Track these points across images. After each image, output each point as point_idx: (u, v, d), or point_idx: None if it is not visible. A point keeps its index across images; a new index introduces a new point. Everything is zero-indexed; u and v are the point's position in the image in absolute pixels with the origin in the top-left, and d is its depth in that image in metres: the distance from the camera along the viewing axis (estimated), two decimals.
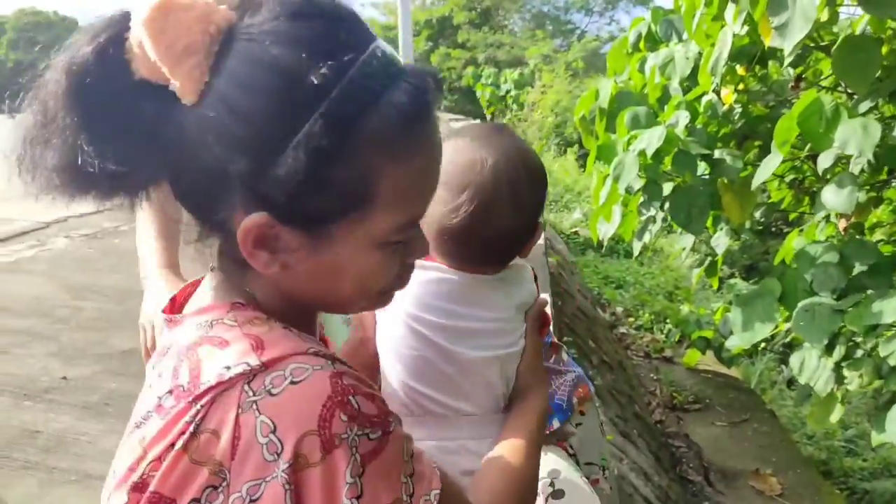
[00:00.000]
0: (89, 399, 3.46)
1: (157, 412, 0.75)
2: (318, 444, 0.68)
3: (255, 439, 0.68)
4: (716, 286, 4.48)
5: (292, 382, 0.70)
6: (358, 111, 0.70)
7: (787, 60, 2.40)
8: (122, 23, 0.74)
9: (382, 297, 0.87)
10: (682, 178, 3.09)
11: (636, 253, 3.80)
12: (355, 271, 0.79)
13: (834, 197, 2.52)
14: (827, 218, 3.22)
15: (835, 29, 2.97)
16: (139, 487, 0.72)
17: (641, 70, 3.67)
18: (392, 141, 0.72)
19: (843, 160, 2.68)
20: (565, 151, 15.09)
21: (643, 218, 3.49)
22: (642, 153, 2.96)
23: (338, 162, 0.71)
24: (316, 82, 0.68)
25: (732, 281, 6.59)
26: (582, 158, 13.68)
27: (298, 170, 0.69)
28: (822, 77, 3.30)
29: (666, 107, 3.35)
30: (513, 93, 19.88)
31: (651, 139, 2.94)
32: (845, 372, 2.68)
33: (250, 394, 0.69)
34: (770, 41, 2.36)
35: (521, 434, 1.04)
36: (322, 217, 0.74)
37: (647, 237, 3.56)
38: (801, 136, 2.62)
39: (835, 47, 2.47)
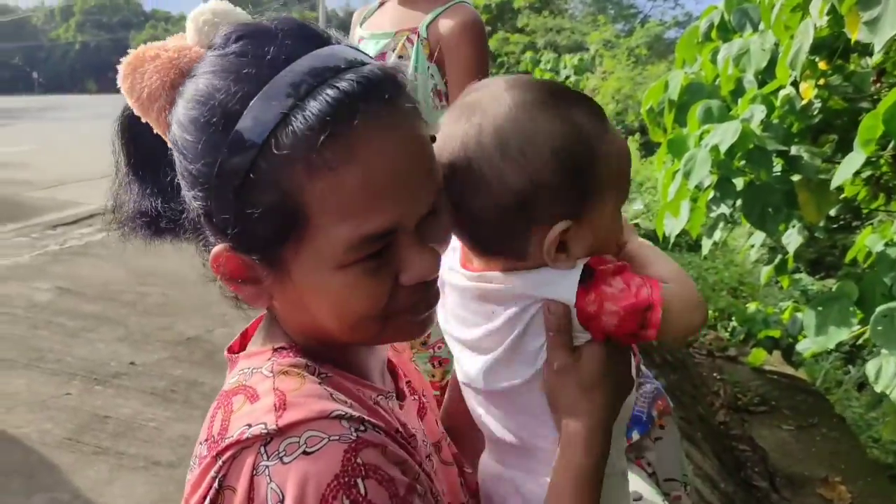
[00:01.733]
0: (156, 385, 3.55)
1: (196, 459, 0.77)
2: None
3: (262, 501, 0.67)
4: (786, 286, 4.33)
5: (305, 452, 0.68)
6: (264, 130, 0.68)
7: (877, 56, 2.28)
8: None
9: (392, 323, 0.78)
10: (757, 175, 2.98)
11: (705, 251, 3.70)
12: (325, 297, 0.75)
13: None
14: None
15: None
16: None
17: (713, 61, 3.55)
18: (309, 154, 0.67)
19: None
20: (626, 140, 14.83)
21: (713, 215, 3.38)
22: (715, 149, 2.86)
23: (257, 185, 0.69)
24: (229, 108, 0.69)
25: (798, 276, 6.37)
26: (644, 147, 13.41)
27: (226, 197, 0.71)
28: None
29: (740, 100, 3.24)
30: (572, 79, 19.58)
31: (725, 134, 2.84)
32: None
33: (265, 457, 0.68)
34: (857, 35, 2.24)
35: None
36: (266, 243, 0.72)
37: (717, 235, 3.45)
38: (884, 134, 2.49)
39: None
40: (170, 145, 0.78)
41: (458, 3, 2.14)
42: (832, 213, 3.85)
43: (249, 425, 0.70)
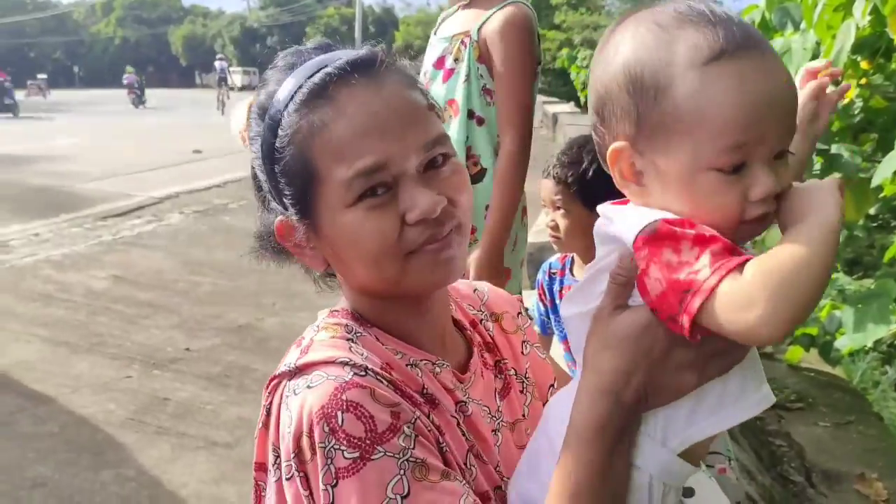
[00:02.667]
0: (211, 370, 3.71)
1: None
2: (308, 445, 0.79)
3: (284, 429, 0.83)
4: None
5: (308, 387, 0.82)
6: (280, 109, 0.88)
7: None
8: None
9: (410, 264, 0.87)
10: None
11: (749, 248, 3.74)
12: (345, 239, 0.87)
13: None
14: None
15: None
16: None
17: None
18: (309, 118, 0.86)
19: None
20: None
21: None
22: None
23: (282, 153, 0.88)
24: (266, 104, 0.91)
25: (835, 276, 6.34)
26: None
27: (271, 171, 0.90)
28: None
29: None
30: None
31: None
32: None
33: (287, 390, 0.85)
34: None
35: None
36: (299, 201, 0.89)
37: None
38: None
39: None
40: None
41: (510, 3, 2.23)
42: (871, 211, 3.87)
43: (285, 364, 0.87)
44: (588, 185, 1.72)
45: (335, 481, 0.77)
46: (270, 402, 0.87)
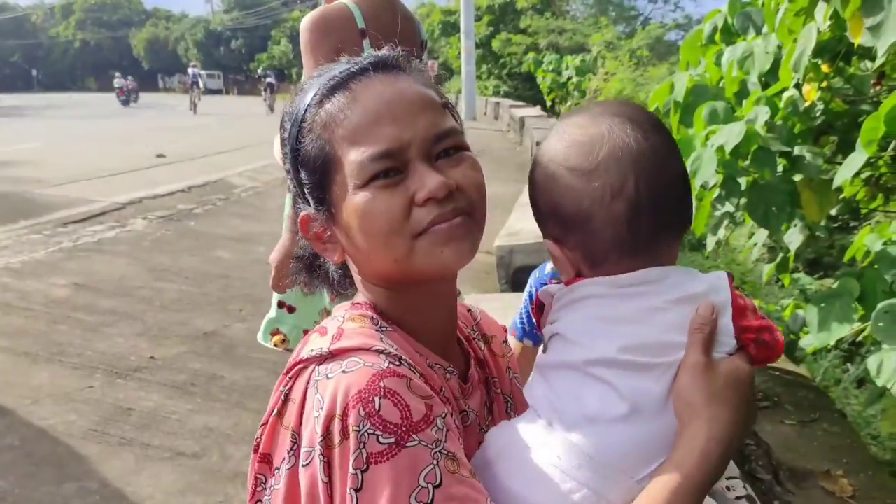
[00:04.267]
0: (176, 379, 3.64)
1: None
2: (339, 429, 0.79)
3: (312, 412, 0.82)
4: (787, 284, 4.41)
5: (343, 371, 0.82)
6: (302, 107, 0.95)
7: (879, 61, 2.37)
8: None
9: (418, 245, 0.88)
10: (761, 174, 3.07)
11: (710, 248, 3.78)
12: (356, 219, 0.89)
13: None
14: None
15: None
16: (255, 448, 0.90)
17: (718, 63, 3.64)
18: (324, 111, 0.92)
19: None
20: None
21: (718, 213, 3.47)
22: (721, 149, 2.95)
23: (304, 145, 0.93)
24: (292, 110, 0.98)
25: (797, 276, 6.43)
26: None
27: (295, 166, 0.96)
28: None
29: (744, 102, 3.32)
30: (574, 79, 19.65)
31: (730, 135, 2.93)
32: None
33: (317, 375, 0.84)
34: (860, 40, 2.33)
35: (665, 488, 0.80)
36: (317, 190, 0.93)
37: (721, 233, 3.54)
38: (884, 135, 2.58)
39: None
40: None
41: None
42: (832, 212, 3.94)
43: (311, 350, 0.88)
44: None
45: (366, 466, 0.77)
46: (291, 388, 0.87)
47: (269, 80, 32.42)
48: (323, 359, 0.86)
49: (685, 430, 0.82)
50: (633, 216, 0.87)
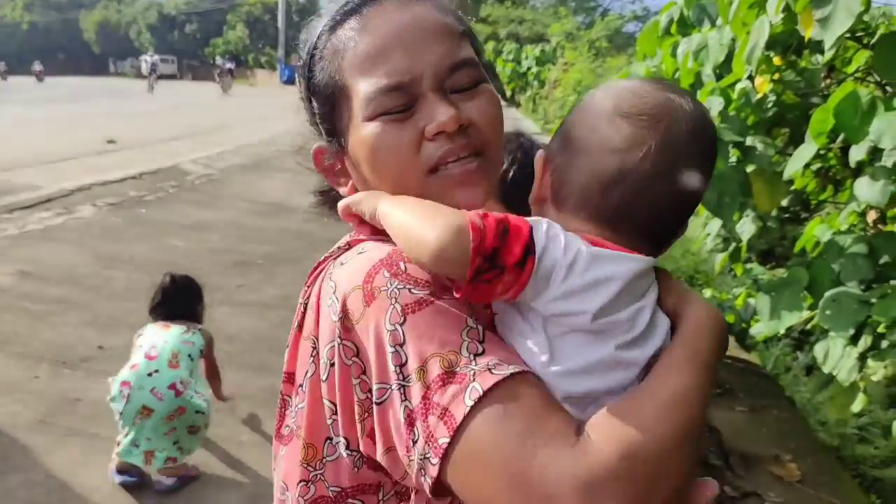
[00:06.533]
0: None
1: None
2: (361, 297, 0.74)
3: (325, 303, 0.78)
4: (740, 273, 4.49)
5: (359, 253, 0.80)
6: (314, 37, 0.91)
7: (828, 54, 2.41)
8: None
9: (431, 182, 0.84)
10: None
11: None
12: (365, 152, 0.85)
13: (868, 190, 2.54)
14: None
15: (865, 18, 2.96)
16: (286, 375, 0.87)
17: (674, 55, 3.67)
18: (339, 38, 0.87)
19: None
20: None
21: None
22: None
23: (316, 76, 0.90)
24: (309, 41, 0.93)
25: (749, 265, 6.57)
26: None
27: (308, 97, 0.93)
28: (852, 66, 3.29)
29: (699, 92, 3.36)
30: (534, 69, 19.75)
31: None
32: (870, 363, 2.71)
33: (332, 267, 0.82)
34: (811, 33, 2.37)
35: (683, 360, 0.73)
36: (328, 120, 0.90)
37: None
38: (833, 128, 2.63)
39: (877, 43, 2.48)
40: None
41: None
42: (783, 203, 4.01)
43: (330, 252, 0.87)
44: (508, 188, 1.67)
45: (403, 318, 0.71)
46: (308, 295, 0.85)
47: (228, 66, 35.39)
48: (340, 251, 0.84)
49: (686, 311, 0.77)
50: (620, 180, 0.78)
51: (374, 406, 0.73)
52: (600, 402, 0.71)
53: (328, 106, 0.89)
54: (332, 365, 0.76)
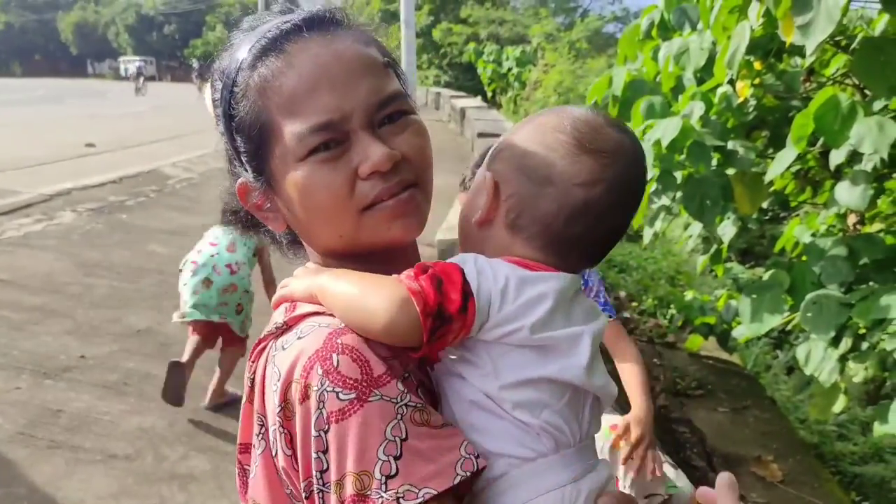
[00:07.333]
0: (108, 378, 3.52)
1: None
2: (298, 392, 0.75)
3: (271, 388, 0.79)
4: (721, 275, 4.52)
5: (298, 338, 0.79)
6: (233, 70, 0.87)
7: (809, 60, 2.43)
8: None
9: (365, 220, 0.84)
10: (696, 168, 3.13)
11: (646, 241, 3.84)
12: (298, 193, 0.84)
13: (848, 193, 2.57)
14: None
15: (843, 21, 2.99)
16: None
17: (655, 58, 3.69)
18: (258, 74, 0.85)
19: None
20: None
21: (655, 206, 3.53)
22: (657, 143, 2.99)
23: (237, 111, 0.86)
24: (223, 68, 0.90)
25: (729, 265, 6.62)
26: None
27: (230, 132, 0.89)
28: (830, 68, 3.32)
29: (680, 97, 3.38)
30: (514, 71, 19.79)
31: (667, 129, 2.96)
32: (850, 364, 2.74)
33: (274, 349, 0.81)
34: (791, 39, 2.38)
35: None
36: (256, 159, 0.88)
37: (658, 225, 3.60)
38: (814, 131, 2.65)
39: (856, 48, 2.50)
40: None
41: None
42: (763, 204, 4.05)
43: (269, 328, 0.85)
44: None
45: (327, 426, 0.73)
46: (255, 372, 0.84)
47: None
48: (280, 332, 0.82)
49: None
50: (585, 212, 0.84)
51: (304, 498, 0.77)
52: (552, 409, 0.79)
53: (255, 144, 0.87)
54: (278, 446, 0.78)
